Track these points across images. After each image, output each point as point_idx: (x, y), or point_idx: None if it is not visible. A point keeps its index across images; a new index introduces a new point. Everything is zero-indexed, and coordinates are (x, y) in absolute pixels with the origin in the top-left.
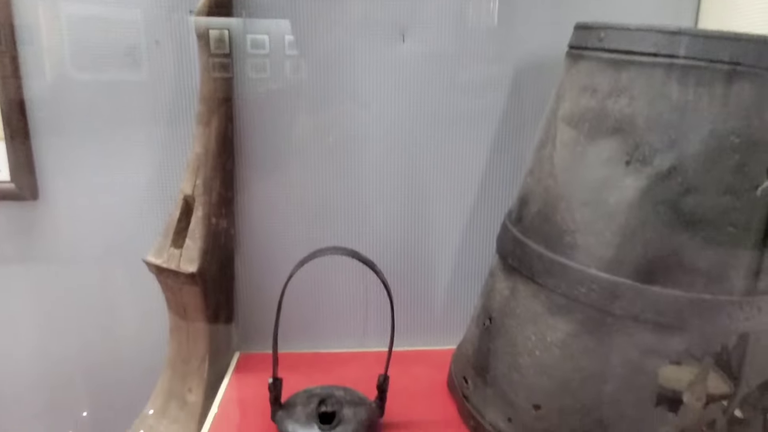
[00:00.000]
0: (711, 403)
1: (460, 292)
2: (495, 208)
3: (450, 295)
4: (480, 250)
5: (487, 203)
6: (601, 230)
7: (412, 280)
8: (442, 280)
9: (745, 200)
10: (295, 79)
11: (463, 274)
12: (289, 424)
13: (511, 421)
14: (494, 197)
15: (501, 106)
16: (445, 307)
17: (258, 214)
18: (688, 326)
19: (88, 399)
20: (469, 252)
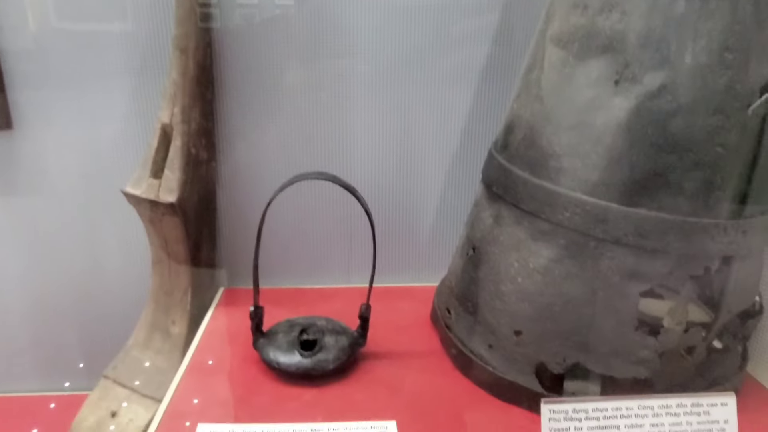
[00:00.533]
0: (691, 329)
1: (445, 229)
2: (482, 143)
3: (436, 232)
4: (466, 187)
5: (474, 139)
6: (588, 153)
7: (397, 217)
8: (428, 217)
9: (735, 120)
10: (284, 9)
11: (449, 210)
12: (270, 351)
13: (491, 347)
14: (481, 133)
15: (490, 34)
16: (431, 243)
17: (240, 147)
18: (671, 249)
19: (72, 332)
20: (455, 189)
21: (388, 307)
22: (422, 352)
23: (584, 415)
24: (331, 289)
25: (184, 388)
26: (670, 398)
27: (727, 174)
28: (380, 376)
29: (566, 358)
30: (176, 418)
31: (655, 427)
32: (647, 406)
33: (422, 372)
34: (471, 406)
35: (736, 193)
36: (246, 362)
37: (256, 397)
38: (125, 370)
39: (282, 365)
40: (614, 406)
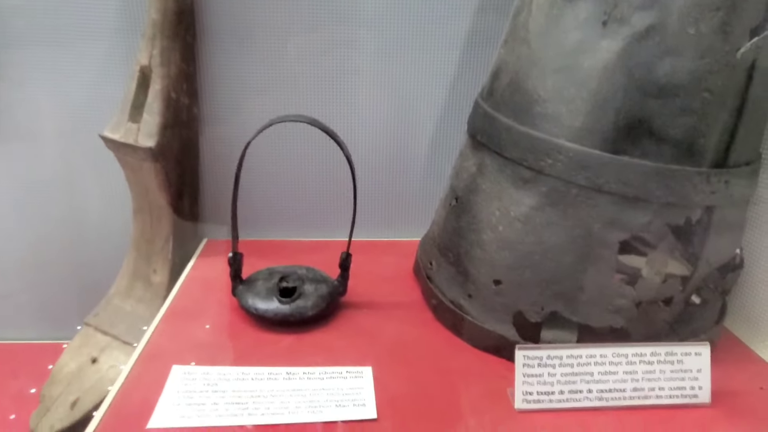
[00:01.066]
0: (669, 279)
1: (433, 184)
2: (471, 99)
3: (423, 187)
4: (454, 143)
5: (463, 95)
6: (573, 98)
7: (385, 171)
8: (416, 172)
9: (724, 64)
10: None
11: (436, 166)
12: (249, 298)
13: (471, 297)
14: (471, 89)
15: None
16: (418, 198)
17: (223, 94)
18: (653, 198)
19: (54, 280)
20: (443, 144)
21: (373, 260)
22: (403, 303)
23: (558, 361)
24: (317, 241)
25: (160, 333)
26: (645, 347)
27: (713, 121)
28: (360, 324)
29: (544, 307)
30: (151, 360)
31: (629, 374)
32: (621, 354)
33: (402, 322)
34: (448, 354)
35: (721, 141)
36: (225, 309)
37: (233, 342)
38: (106, 317)
39: (260, 311)
40: (588, 354)
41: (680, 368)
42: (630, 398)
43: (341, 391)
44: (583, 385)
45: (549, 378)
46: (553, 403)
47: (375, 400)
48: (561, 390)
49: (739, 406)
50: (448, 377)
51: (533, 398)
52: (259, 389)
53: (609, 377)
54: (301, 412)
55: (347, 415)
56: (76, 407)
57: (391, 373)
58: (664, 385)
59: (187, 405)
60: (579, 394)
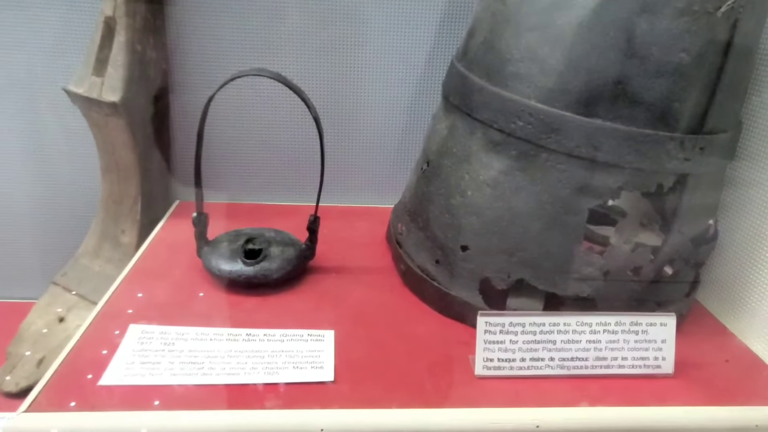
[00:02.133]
0: (639, 248)
1: (409, 150)
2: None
3: (399, 153)
4: (431, 107)
5: (442, 57)
6: (546, 57)
7: (361, 137)
8: (392, 138)
9: (703, 23)
10: None
11: (413, 132)
12: (213, 259)
13: (438, 263)
14: (449, 50)
15: None
16: (395, 164)
17: (194, 49)
18: (624, 163)
19: (23, 239)
20: (421, 109)
21: (347, 226)
22: (373, 268)
23: (521, 329)
24: (290, 206)
25: (122, 292)
26: (609, 316)
27: (689, 85)
28: (326, 288)
29: (511, 274)
30: (110, 319)
31: (592, 343)
32: (585, 323)
33: (370, 287)
34: (413, 320)
35: (698, 106)
36: (190, 270)
37: (195, 302)
38: (74, 277)
39: (223, 272)
40: (552, 322)
41: (644, 338)
42: (592, 367)
43: (301, 353)
44: (545, 353)
45: (510, 345)
46: (514, 370)
47: (334, 363)
48: (522, 357)
49: (701, 377)
50: (410, 342)
51: (494, 365)
52: (216, 349)
53: (572, 345)
54: (257, 373)
55: (304, 377)
56: (42, 365)
57: (354, 337)
58: (628, 355)
59: (141, 363)
60: (540, 362)
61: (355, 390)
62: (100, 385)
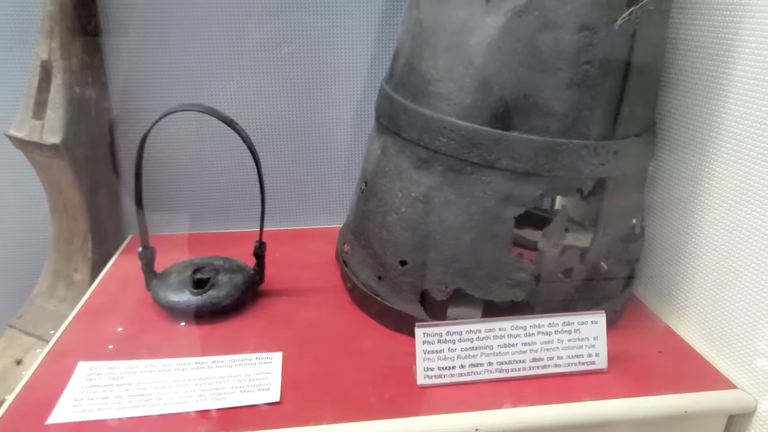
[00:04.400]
0: (567, 251)
1: (356, 171)
2: None
3: (348, 174)
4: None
5: (379, 82)
6: (462, 76)
7: (310, 158)
8: (340, 159)
9: (603, 36)
10: None
11: (358, 153)
12: (162, 291)
13: (380, 279)
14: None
15: None
16: (343, 184)
17: (135, 85)
18: (544, 172)
19: None
20: (363, 132)
21: (299, 248)
22: (323, 288)
23: (458, 336)
24: (242, 232)
25: (72, 331)
26: (542, 318)
27: (597, 94)
28: (276, 311)
29: (448, 285)
30: (60, 357)
31: (527, 345)
32: (520, 327)
33: (319, 307)
34: (360, 335)
35: (607, 113)
36: (141, 304)
37: (145, 336)
38: (30, 318)
39: (171, 303)
40: (487, 328)
41: (577, 337)
42: (529, 368)
43: (249, 377)
44: (483, 359)
45: (449, 353)
46: (455, 377)
47: (281, 383)
48: (462, 364)
49: (635, 369)
50: (356, 358)
51: (434, 374)
52: (165, 380)
53: (508, 349)
54: (204, 401)
55: (249, 400)
56: (1, 409)
57: (301, 357)
58: (562, 354)
59: (90, 399)
60: (479, 368)
61: (300, 408)
62: (48, 423)
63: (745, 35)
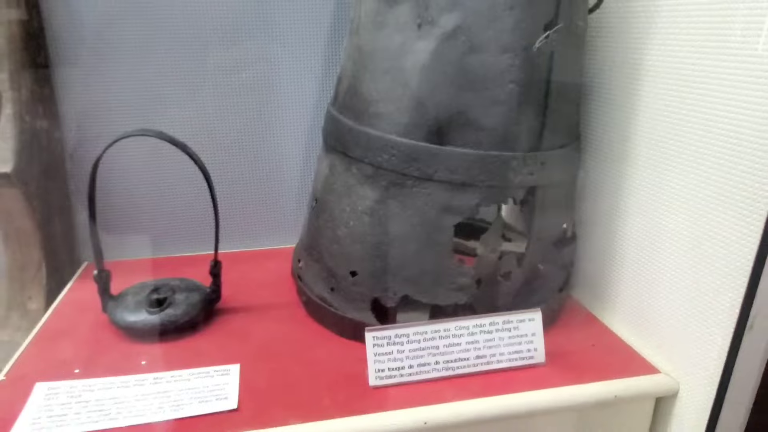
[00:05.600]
0: (505, 256)
1: (309, 191)
2: None
3: (302, 194)
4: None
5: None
6: (399, 97)
7: (264, 181)
8: (293, 179)
9: (524, 58)
10: None
11: (311, 174)
12: (119, 312)
13: (333, 290)
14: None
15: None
16: (297, 204)
17: (87, 113)
18: (478, 182)
19: None
20: (314, 154)
21: (256, 268)
22: (279, 304)
23: (406, 339)
24: (198, 255)
25: (28, 356)
26: (483, 317)
27: (522, 110)
28: (234, 327)
29: (396, 292)
30: (16, 381)
31: (471, 344)
32: (463, 327)
33: (275, 321)
34: (315, 345)
35: (533, 127)
36: (98, 327)
37: (103, 356)
38: None
39: (128, 323)
40: (433, 329)
41: (517, 334)
42: (474, 365)
43: (207, 388)
44: (430, 358)
45: (398, 354)
46: (404, 377)
47: (239, 393)
48: (410, 365)
49: (571, 362)
50: (311, 366)
51: (385, 374)
52: (123, 396)
53: (453, 348)
54: (163, 412)
55: (208, 409)
56: None
57: (258, 368)
58: (504, 350)
59: (48, 417)
60: (427, 367)
61: (258, 414)
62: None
63: (652, 54)
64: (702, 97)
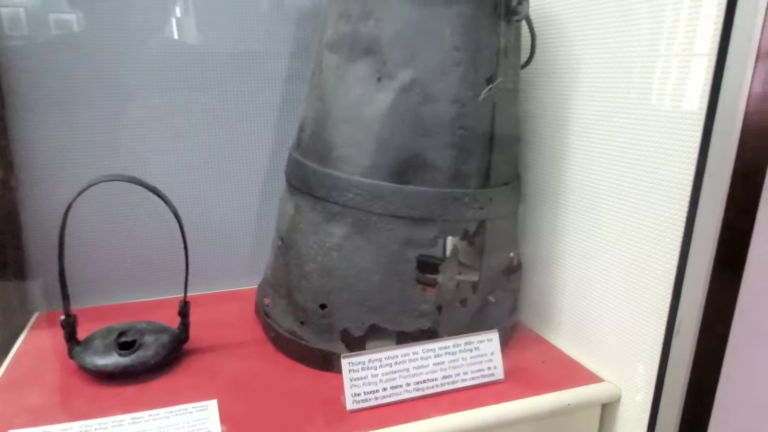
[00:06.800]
0: (461, 284)
1: (267, 233)
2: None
3: (258, 236)
4: (278, 194)
5: (283, 149)
6: (361, 141)
7: (219, 226)
8: (249, 224)
9: (470, 107)
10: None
11: (267, 216)
12: (87, 357)
13: (303, 324)
14: (285, 144)
15: (287, 48)
16: (255, 247)
17: (42, 162)
18: (436, 217)
19: None
20: (270, 196)
21: (217, 309)
22: (246, 341)
23: (379, 363)
24: (157, 300)
25: None
26: (447, 340)
27: (471, 152)
28: (204, 366)
29: (364, 322)
30: None
31: (438, 365)
32: (430, 349)
33: (245, 358)
34: (288, 377)
35: (481, 167)
36: (63, 373)
37: (73, 401)
38: None
39: (99, 366)
40: (403, 353)
41: (478, 354)
42: (441, 385)
43: (187, 424)
44: (402, 380)
45: (372, 378)
46: (379, 399)
47: (220, 426)
48: (384, 387)
49: (526, 377)
50: (288, 396)
51: (361, 398)
52: None
53: (422, 370)
54: None
55: None
56: None
57: (235, 402)
58: (467, 370)
59: None
60: (399, 389)
61: None
62: None
63: (577, 106)
64: (608, 141)
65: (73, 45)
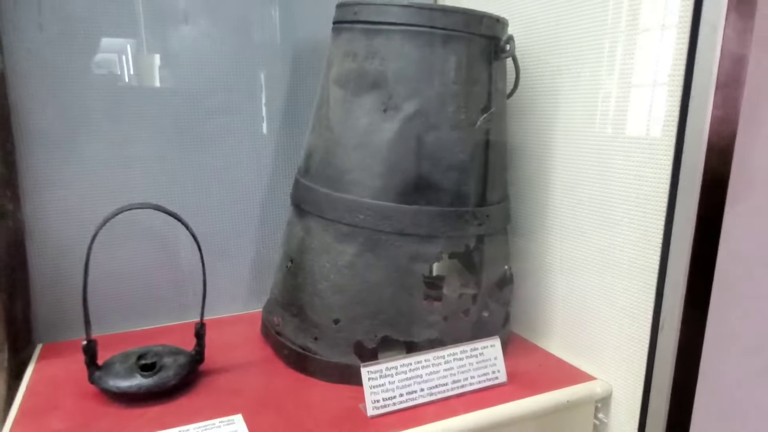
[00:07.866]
0: (463, 296)
1: (266, 257)
2: (284, 179)
3: (257, 263)
4: (276, 218)
5: (279, 176)
6: (370, 166)
7: (220, 253)
8: (249, 250)
9: (468, 134)
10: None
11: (267, 240)
12: (110, 380)
13: (317, 339)
14: (285, 170)
15: (286, 80)
16: (253, 272)
17: (49, 195)
18: (440, 233)
19: None
20: (268, 221)
21: (222, 333)
22: (257, 360)
23: (395, 370)
24: (170, 326)
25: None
26: (455, 347)
27: (470, 173)
28: (221, 384)
29: (377, 334)
30: None
31: (448, 371)
32: (440, 356)
33: (261, 375)
34: (306, 392)
35: (478, 187)
36: (83, 397)
37: (97, 423)
38: None
39: (122, 389)
40: (416, 360)
41: (483, 359)
42: (452, 389)
43: None
44: (416, 386)
45: (390, 385)
46: (396, 405)
47: None
48: (401, 393)
49: (526, 379)
50: (309, 408)
51: (381, 404)
52: None
53: (434, 376)
54: None
55: None
56: None
57: (260, 416)
58: (474, 374)
59: None
60: (414, 394)
61: None
62: None
63: (557, 137)
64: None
65: (79, 76)
